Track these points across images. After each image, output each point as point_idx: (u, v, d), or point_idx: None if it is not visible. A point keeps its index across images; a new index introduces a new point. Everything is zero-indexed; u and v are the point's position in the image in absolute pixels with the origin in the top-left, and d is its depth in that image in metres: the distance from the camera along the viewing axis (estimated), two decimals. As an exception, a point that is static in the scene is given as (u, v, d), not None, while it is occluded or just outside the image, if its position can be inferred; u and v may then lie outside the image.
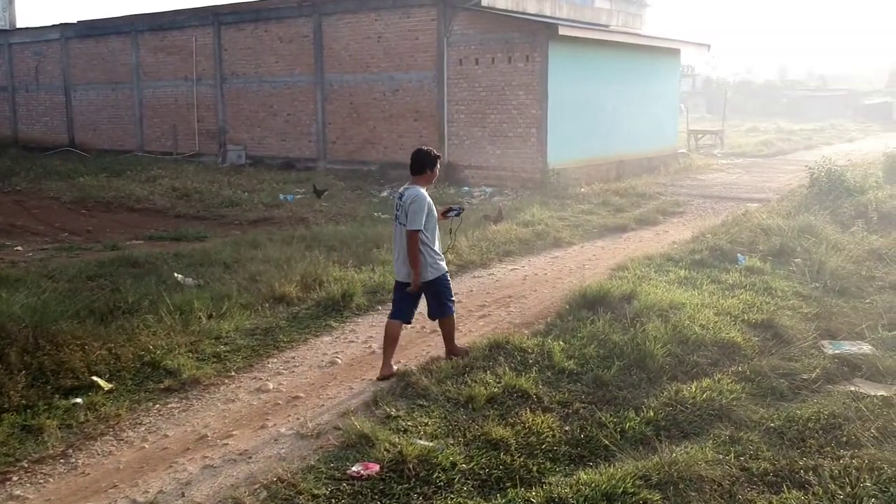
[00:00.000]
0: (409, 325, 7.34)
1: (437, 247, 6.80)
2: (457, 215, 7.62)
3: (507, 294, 9.65)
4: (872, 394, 6.46)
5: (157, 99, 28.26)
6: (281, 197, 17.56)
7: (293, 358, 7.24)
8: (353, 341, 7.74)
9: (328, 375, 6.82)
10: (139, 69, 28.56)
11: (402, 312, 6.86)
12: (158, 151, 28.02)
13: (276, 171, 23.28)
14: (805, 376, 6.66)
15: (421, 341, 7.76)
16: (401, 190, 6.78)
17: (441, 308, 6.85)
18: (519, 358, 6.79)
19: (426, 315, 7.08)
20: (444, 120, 21.12)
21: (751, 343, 7.51)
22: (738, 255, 11.25)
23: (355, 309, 8.67)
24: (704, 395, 6.17)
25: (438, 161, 6.85)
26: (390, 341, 6.78)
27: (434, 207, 6.82)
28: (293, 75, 24.33)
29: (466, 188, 19.65)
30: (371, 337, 7.86)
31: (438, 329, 7.85)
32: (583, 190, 18.28)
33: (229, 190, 18.30)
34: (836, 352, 7.54)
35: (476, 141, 20.70)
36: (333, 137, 23.69)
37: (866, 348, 7.62)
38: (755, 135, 41.33)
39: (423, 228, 6.52)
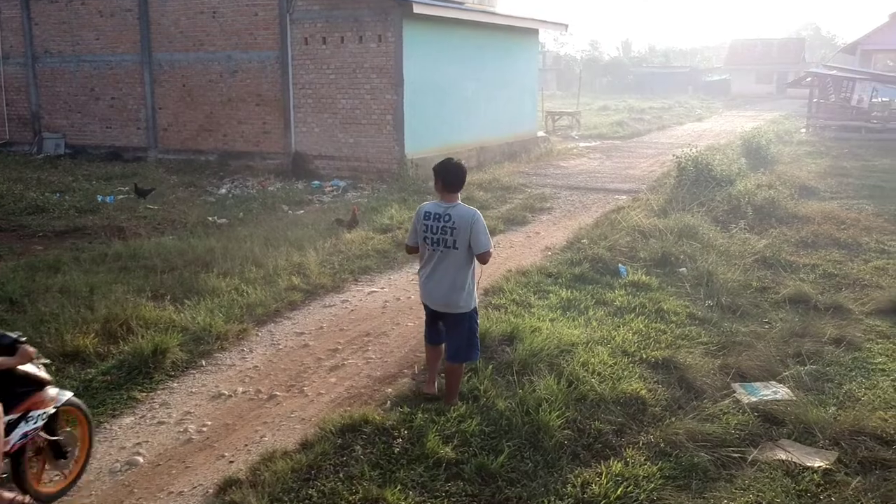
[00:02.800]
0: (239, 395, 5.64)
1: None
2: None
3: (364, 330, 8.05)
4: (808, 464, 5.37)
5: (-44, 79, 24.56)
6: (99, 198, 15.10)
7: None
8: (163, 422, 5.90)
9: (122, 489, 4.99)
10: (-68, 45, 24.72)
11: (440, 336, 6.16)
12: (-39, 140, 24.41)
13: (99, 162, 20.53)
14: (734, 452, 5.44)
15: (254, 416, 6.04)
16: (431, 209, 5.95)
17: (469, 349, 6.02)
18: (382, 447, 5.23)
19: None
20: (290, 105, 19.13)
21: (657, 395, 6.29)
22: (620, 265, 10.15)
23: (170, 368, 6.79)
24: (619, 491, 4.85)
25: None
26: (432, 362, 6.28)
27: None
28: (116, 54, 21.53)
29: (317, 182, 17.80)
30: (189, 413, 6.05)
31: (277, 395, 6.24)
32: (444, 183, 16.84)
33: (37, 191, 15.60)
34: (753, 399, 6.45)
35: (326, 129, 18.86)
36: (165, 124, 21.16)
37: (783, 393, 6.57)
38: (608, 114, 41.44)
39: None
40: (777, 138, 25.39)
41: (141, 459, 5.33)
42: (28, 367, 4.49)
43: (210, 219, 13.47)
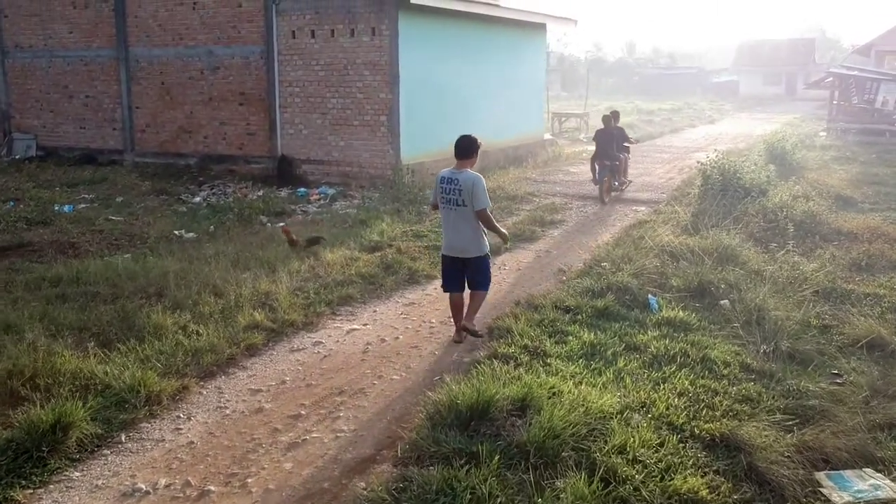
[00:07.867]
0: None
1: None
2: None
3: (337, 386, 6.42)
4: None
5: (-78, 75, 22.94)
6: (56, 208, 13.48)
7: None
8: (45, 540, 4.28)
9: None
10: None
11: (459, 284, 7.39)
12: (-74, 140, 22.79)
13: (70, 166, 18.92)
14: None
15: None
16: (447, 174, 7.16)
17: (484, 281, 7.49)
18: None
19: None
20: (276, 104, 17.51)
21: (721, 496, 4.65)
22: (650, 296, 8.52)
23: (74, 450, 5.13)
24: None
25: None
26: (457, 309, 7.40)
27: None
28: (91, 49, 19.93)
29: (303, 189, 16.18)
30: (84, 524, 4.43)
31: (211, 491, 4.62)
32: (443, 191, 15.22)
33: (-14, 199, 13.92)
34: (847, 499, 4.82)
35: (315, 130, 17.24)
36: (143, 125, 19.54)
37: (888, 489, 4.93)
38: (616, 115, 39.59)
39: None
40: (799, 142, 23.72)
41: None
42: None
43: (176, 233, 11.84)
